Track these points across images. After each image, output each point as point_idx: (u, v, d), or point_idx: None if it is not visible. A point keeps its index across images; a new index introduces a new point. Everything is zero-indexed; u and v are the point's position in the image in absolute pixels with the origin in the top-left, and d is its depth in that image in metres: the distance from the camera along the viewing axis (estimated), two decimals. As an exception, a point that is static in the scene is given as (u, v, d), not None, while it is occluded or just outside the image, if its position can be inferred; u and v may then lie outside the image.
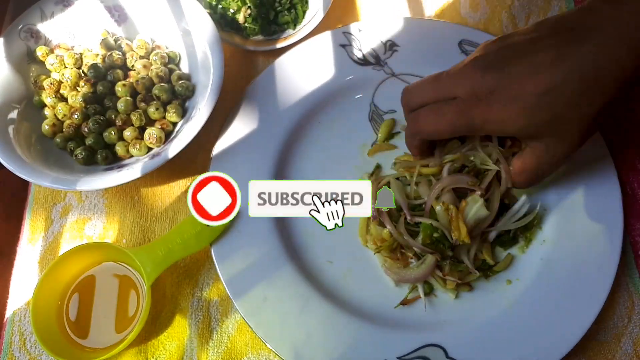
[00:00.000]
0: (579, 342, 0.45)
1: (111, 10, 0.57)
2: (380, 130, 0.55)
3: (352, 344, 0.47)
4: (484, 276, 0.49)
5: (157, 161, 0.49)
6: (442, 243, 0.46)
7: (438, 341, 0.46)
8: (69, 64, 0.54)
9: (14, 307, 0.52)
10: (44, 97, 0.54)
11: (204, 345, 0.49)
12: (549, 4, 0.61)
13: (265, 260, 0.50)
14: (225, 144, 0.54)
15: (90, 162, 0.53)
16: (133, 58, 0.56)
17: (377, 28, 0.58)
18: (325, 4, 0.59)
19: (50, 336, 0.47)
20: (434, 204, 0.46)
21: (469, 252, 0.48)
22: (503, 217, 0.49)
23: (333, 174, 0.54)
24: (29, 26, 0.55)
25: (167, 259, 0.48)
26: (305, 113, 0.56)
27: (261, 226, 0.51)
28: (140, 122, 0.53)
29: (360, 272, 0.50)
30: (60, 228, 0.55)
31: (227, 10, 0.60)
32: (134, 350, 0.50)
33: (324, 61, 0.57)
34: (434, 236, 0.46)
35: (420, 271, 0.47)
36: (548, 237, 0.50)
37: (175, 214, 0.55)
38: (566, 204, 0.50)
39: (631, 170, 0.53)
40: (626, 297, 0.49)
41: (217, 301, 0.51)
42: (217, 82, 0.51)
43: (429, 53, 0.57)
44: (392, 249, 0.49)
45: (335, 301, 0.49)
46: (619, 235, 0.48)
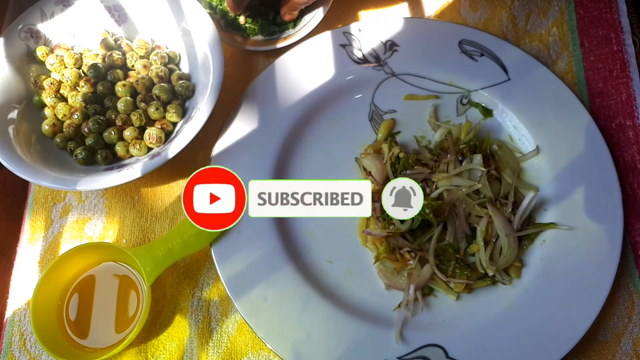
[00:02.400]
0: (579, 342, 0.45)
1: (111, 10, 0.57)
2: (380, 130, 0.55)
3: (352, 344, 0.47)
4: (492, 282, 0.49)
5: (157, 161, 0.49)
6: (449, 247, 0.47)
7: (438, 341, 0.46)
8: (69, 64, 0.54)
9: (14, 307, 0.52)
10: (44, 97, 0.54)
11: (204, 345, 0.49)
12: (549, 4, 0.61)
13: (265, 260, 0.50)
14: (225, 144, 0.54)
15: (90, 162, 0.53)
16: (133, 58, 0.56)
17: (377, 28, 0.58)
18: (325, 4, 0.59)
19: (50, 336, 0.47)
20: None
21: (481, 257, 0.48)
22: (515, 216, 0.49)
23: (333, 174, 0.54)
24: (29, 26, 0.55)
25: (167, 259, 0.48)
26: (305, 113, 0.56)
27: (261, 226, 0.51)
28: (140, 122, 0.53)
29: (360, 272, 0.50)
30: (60, 228, 0.55)
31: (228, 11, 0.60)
32: (134, 350, 0.50)
33: (324, 61, 0.57)
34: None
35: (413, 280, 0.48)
36: (548, 237, 0.50)
37: (175, 214, 0.55)
38: (566, 204, 0.50)
39: (631, 170, 0.53)
40: (626, 297, 0.49)
41: (217, 301, 0.51)
42: (217, 82, 0.51)
43: (429, 53, 0.57)
44: (391, 250, 0.49)
45: (335, 301, 0.49)
46: (619, 235, 0.48)
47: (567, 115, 0.53)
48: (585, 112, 0.53)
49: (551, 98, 0.54)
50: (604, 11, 0.59)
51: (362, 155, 0.54)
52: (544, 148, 0.52)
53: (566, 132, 0.53)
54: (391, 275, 0.49)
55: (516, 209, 0.50)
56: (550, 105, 0.54)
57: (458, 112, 0.56)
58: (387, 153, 0.52)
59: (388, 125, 0.55)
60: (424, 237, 0.49)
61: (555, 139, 0.53)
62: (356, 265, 0.51)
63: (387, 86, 0.57)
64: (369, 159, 0.52)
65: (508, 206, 0.50)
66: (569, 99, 0.54)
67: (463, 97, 0.56)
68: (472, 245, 0.49)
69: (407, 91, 0.57)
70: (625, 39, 0.57)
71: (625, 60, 0.56)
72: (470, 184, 0.49)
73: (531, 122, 0.54)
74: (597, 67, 0.57)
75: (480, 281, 0.49)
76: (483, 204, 0.49)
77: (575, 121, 0.53)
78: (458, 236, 0.49)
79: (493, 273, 0.48)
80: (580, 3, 0.60)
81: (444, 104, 0.56)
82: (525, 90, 0.55)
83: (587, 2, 0.60)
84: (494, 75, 0.56)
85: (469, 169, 0.50)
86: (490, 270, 0.48)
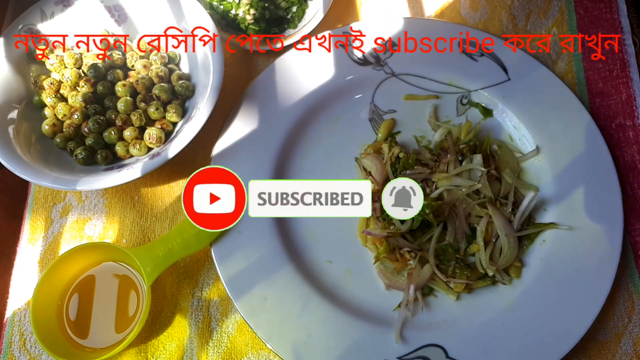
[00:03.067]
0: (579, 342, 0.45)
1: (111, 10, 0.57)
2: (380, 130, 0.55)
3: (352, 344, 0.47)
4: (492, 282, 0.49)
5: (157, 161, 0.49)
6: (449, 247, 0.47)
7: (438, 341, 0.46)
8: (69, 64, 0.54)
9: (14, 307, 0.52)
10: (44, 97, 0.54)
11: (204, 345, 0.49)
12: (549, 3, 0.61)
13: (265, 260, 0.50)
14: (225, 143, 0.54)
15: (90, 162, 0.53)
16: (133, 58, 0.56)
17: (377, 28, 0.58)
18: (325, 4, 0.59)
19: (50, 336, 0.47)
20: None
21: (481, 257, 0.48)
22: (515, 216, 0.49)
23: (333, 174, 0.54)
24: (29, 26, 0.55)
25: (167, 259, 0.48)
26: (305, 113, 0.56)
27: (261, 226, 0.51)
28: (140, 122, 0.53)
29: (360, 272, 0.50)
30: (60, 228, 0.55)
31: (228, 11, 0.60)
32: (134, 350, 0.50)
33: (324, 61, 0.57)
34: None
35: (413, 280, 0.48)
36: (548, 237, 0.50)
37: (175, 214, 0.55)
38: (566, 204, 0.50)
39: (631, 170, 0.53)
40: (626, 297, 0.49)
41: (217, 301, 0.51)
42: (217, 82, 0.51)
43: (429, 53, 0.57)
44: (391, 250, 0.49)
45: (335, 301, 0.49)
46: (619, 235, 0.48)
47: (567, 115, 0.53)
48: (585, 112, 0.53)
49: (551, 98, 0.54)
50: (604, 11, 0.59)
51: (362, 155, 0.54)
52: (544, 148, 0.52)
53: (566, 132, 0.53)
54: (391, 275, 0.49)
55: (516, 209, 0.50)
56: (550, 105, 0.54)
57: (458, 112, 0.56)
58: (387, 153, 0.52)
59: (388, 125, 0.55)
60: (424, 237, 0.49)
61: (555, 139, 0.53)
62: (356, 265, 0.51)
63: (387, 86, 0.57)
64: (369, 159, 0.52)
65: (508, 206, 0.50)
66: (569, 99, 0.54)
67: (463, 97, 0.56)
68: (472, 245, 0.49)
69: (407, 91, 0.57)
70: (625, 39, 0.57)
71: (625, 60, 0.56)
72: (470, 184, 0.49)
73: (531, 122, 0.54)
74: (597, 67, 0.57)
75: (480, 281, 0.49)
76: (483, 204, 0.49)
77: (575, 121, 0.53)
78: (458, 236, 0.49)
79: (493, 273, 0.48)
80: (580, 3, 0.60)
81: (444, 104, 0.56)
82: (525, 90, 0.55)
83: (587, 2, 0.60)
84: (494, 75, 0.56)
85: (469, 169, 0.50)
86: (490, 270, 0.48)
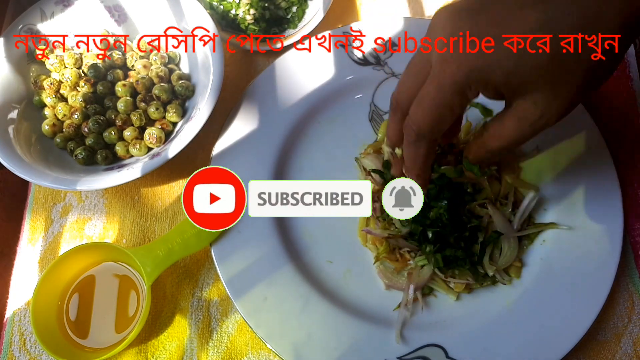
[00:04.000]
0: (579, 342, 0.45)
1: (111, 10, 0.57)
2: (380, 130, 0.55)
3: (352, 344, 0.47)
4: (492, 282, 0.49)
5: (157, 161, 0.49)
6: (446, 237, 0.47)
7: (438, 341, 0.46)
8: (69, 64, 0.54)
9: (14, 307, 0.52)
10: (44, 97, 0.54)
11: (204, 345, 0.49)
12: (549, 4, 0.61)
13: (265, 260, 0.50)
14: (225, 144, 0.54)
15: (90, 162, 0.53)
16: (133, 58, 0.56)
17: (377, 28, 0.58)
18: (325, 4, 0.59)
19: (50, 336, 0.47)
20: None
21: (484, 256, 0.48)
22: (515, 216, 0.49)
23: (333, 174, 0.54)
24: (29, 26, 0.55)
25: (167, 259, 0.48)
26: (305, 113, 0.56)
27: (261, 226, 0.51)
28: (140, 122, 0.53)
29: (360, 272, 0.50)
30: (60, 228, 0.55)
31: (228, 11, 0.60)
32: (134, 350, 0.50)
33: (324, 61, 0.57)
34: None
35: (413, 280, 0.48)
36: (548, 237, 0.50)
37: (175, 214, 0.55)
38: (566, 204, 0.50)
39: (631, 170, 0.53)
40: (626, 297, 0.49)
41: (217, 301, 0.51)
42: (217, 82, 0.51)
43: (429, 53, 0.57)
44: (391, 250, 0.49)
45: (335, 301, 0.49)
46: (619, 235, 0.48)
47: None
48: (585, 112, 0.53)
49: (551, 98, 0.54)
50: (604, 11, 0.59)
51: (362, 155, 0.54)
52: (544, 148, 0.52)
53: (566, 132, 0.53)
54: (391, 275, 0.49)
55: (516, 209, 0.50)
56: (550, 105, 0.54)
57: (458, 112, 0.56)
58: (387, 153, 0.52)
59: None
60: (424, 237, 0.49)
61: (555, 139, 0.53)
62: (356, 265, 0.51)
63: (387, 86, 0.57)
64: (369, 159, 0.52)
65: (508, 206, 0.50)
66: (569, 99, 0.54)
67: (463, 97, 0.56)
68: (473, 246, 0.49)
69: (407, 91, 0.57)
70: (625, 39, 0.57)
71: (625, 60, 0.56)
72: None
73: (531, 122, 0.54)
74: (597, 67, 0.57)
75: (480, 281, 0.48)
76: (483, 204, 0.49)
77: (575, 121, 0.53)
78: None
79: (493, 273, 0.48)
80: None
81: (444, 104, 0.56)
82: (525, 90, 0.55)
83: (587, 2, 0.60)
84: (494, 75, 0.55)
85: None
86: (490, 270, 0.47)
